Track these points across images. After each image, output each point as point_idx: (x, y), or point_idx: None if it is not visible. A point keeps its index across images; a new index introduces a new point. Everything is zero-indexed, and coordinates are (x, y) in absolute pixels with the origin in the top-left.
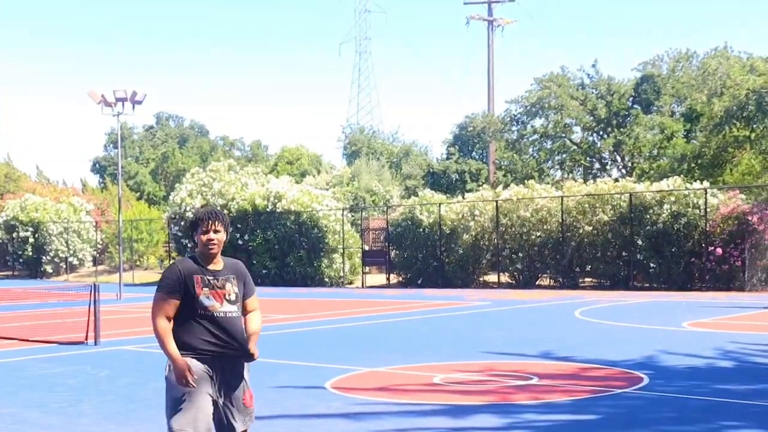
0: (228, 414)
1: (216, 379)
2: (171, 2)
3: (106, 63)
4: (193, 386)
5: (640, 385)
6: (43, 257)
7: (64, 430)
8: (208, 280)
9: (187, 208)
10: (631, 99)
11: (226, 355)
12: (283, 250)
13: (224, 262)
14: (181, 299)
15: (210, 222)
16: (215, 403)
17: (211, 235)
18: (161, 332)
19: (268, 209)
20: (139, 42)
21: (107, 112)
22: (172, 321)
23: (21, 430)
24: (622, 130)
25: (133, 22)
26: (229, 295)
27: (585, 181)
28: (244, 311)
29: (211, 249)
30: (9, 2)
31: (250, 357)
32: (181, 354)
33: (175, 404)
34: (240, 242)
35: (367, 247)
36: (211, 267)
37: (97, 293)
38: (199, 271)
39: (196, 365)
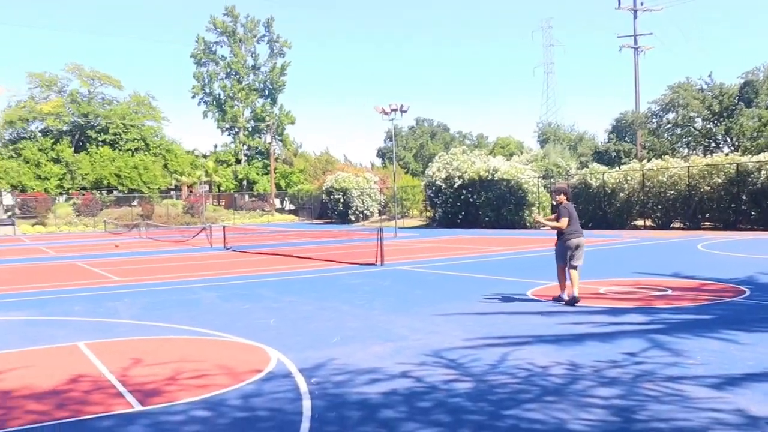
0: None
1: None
2: (430, 39)
3: (383, 77)
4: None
5: (744, 295)
6: (349, 210)
7: (365, 317)
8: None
9: (436, 179)
10: (737, 97)
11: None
12: (499, 204)
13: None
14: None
15: (556, 191)
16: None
17: (560, 197)
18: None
19: (488, 178)
20: (406, 63)
21: (386, 119)
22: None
23: (339, 315)
24: (730, 119)
25: (401, 48)
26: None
27: (704, 155)
28: None
29: (558, 201)
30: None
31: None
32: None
33: (563, 253)
34: (471, 200)
35: (554, 202)
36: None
37: (381, 233)
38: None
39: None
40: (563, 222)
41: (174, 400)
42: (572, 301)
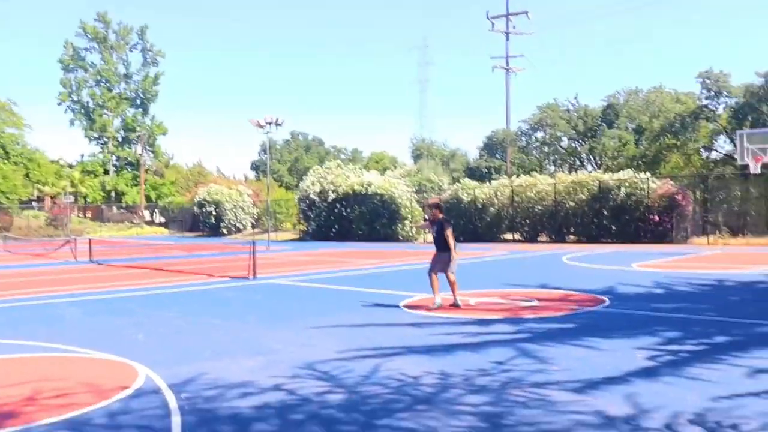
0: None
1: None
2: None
3: (258, 90)
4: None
5: (604, 305)
6: (221, 223)
7: (236, 330)
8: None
9: (310, 193)
10: (599, 119)
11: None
12: (372, 218)
13: (440, 220)
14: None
15: (432, 206)
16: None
17: (435, 211)
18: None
19: (362, 192)
20: (282, 76)
21: (260, 131)
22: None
23: (209, 329)
24: (594, 139)
25: (271, 58)
26: (435, 231)
27: (570, 172)
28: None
29: (432, 217)
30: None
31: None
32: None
33: (447, 262)
34: (344, 213)
35: (426, 217)
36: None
37: (254, 246)
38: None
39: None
40: (451, 234)
41: (33, 421)
42: (456, 305)
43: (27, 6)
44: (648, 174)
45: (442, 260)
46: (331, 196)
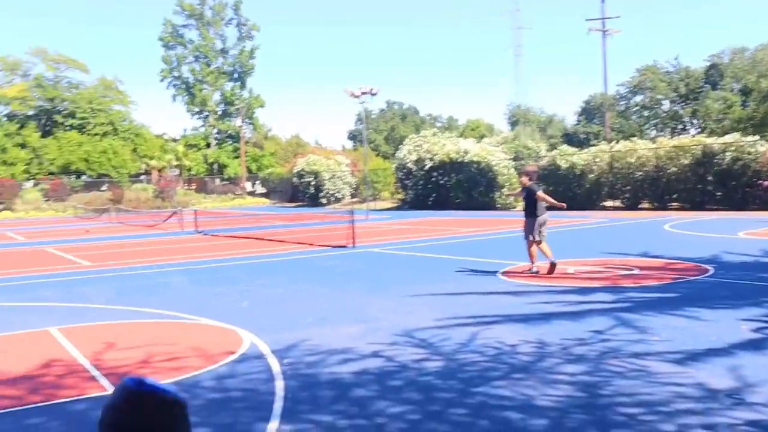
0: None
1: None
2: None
3: (353, 60)
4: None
5: (708, 274)
6: (320, 193)
7: (337, 298)
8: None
9: (407, 161)
10: (702, 80)
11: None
12: (469, 186)
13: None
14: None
15: (522, 174)
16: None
17: (523, 179)
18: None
19: (459, 160)
20: (376, 45)
21: (356, 101)
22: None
23: (311, 297)
24: (697, 101)
25: (371, 32)
26: (524, 198)
27: (672, 137)
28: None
29: (522, 184)
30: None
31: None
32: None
33: (535, 229)
34: (441, 182)
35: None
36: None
37: (353, 215)
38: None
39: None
40: (543, 193)
41: None
42: (552, 268)
43: None
44: (756, 137)
45: (530, 226)
46: (428, 164)
